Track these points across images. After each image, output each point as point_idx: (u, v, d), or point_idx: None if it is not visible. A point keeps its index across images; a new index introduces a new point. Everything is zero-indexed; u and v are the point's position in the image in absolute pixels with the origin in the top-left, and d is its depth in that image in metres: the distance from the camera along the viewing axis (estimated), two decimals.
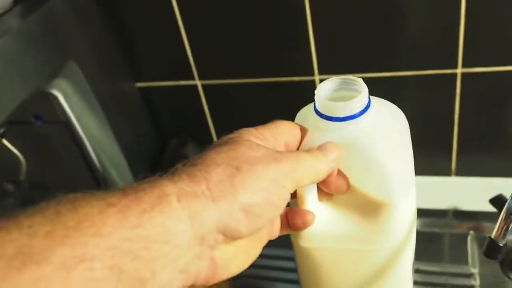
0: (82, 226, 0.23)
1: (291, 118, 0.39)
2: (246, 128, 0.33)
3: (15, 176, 0.65)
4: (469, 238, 0.66)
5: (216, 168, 0.29)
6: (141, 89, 0.80)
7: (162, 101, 0.81)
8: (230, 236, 0.29)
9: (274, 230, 0.37)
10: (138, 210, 0.25)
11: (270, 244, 0.37)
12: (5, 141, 0.62)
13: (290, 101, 0.41)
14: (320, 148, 0.34)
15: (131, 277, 0.24)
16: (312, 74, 0.71)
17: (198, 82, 0.77)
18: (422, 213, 0.68)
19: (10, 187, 0.64)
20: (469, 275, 0.62)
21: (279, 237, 0.39)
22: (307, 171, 0.33)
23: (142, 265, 0.24)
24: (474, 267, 0.63)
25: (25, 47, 0.54)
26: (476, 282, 0.61)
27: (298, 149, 0.36)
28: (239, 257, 0.32)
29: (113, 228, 0.24)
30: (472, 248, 0.65)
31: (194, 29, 0.72)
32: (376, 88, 0.39)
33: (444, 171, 0.77)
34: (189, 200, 0.27)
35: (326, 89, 0.36)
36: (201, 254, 0.28)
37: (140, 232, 0.25)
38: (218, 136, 0.33)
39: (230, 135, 0.33)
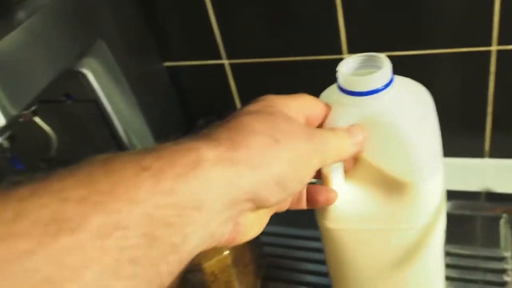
0: (117, 191, 0.23)
1: (319, 97, 0.38)
2: (274, 96, 0.33)
3: (46, 153, 0.66)
4: (502, 221, 0.65)
5: (257, 136, 0.29)
6: (169, 68, 0.80)
7: (189, 80, 0.81)
8: (259, 204, 0.29)
9: (284, 204, 0.37)
10: (172, 175, 0.24)
11: (298, 224, 0.37)
12: (37, 119, 0.63)
13: (318, 80, 0.40)
14: (347, 129, 0.35)
15: (164, 243, 0.24)
16: (340, 52, 0.70)
17: (225, 62, 0.77)
18: (454, 195, 0.67)
19: (41, 164, 0.65)
20: (501, 259, 0.60)
21: (308, 218, 0.39)
22: (333, 150, 0.33)
23: (174, 231, 0.24)
24: (507, 250, 0.61)
25: (55, 26, 0.55)
26: (509, 265, 0.60)
27: (322, 125, 0.36)
28: (256, 225, 0.33)
29: (148, 194, 0.23)
30: (505, 231, 0.64)
31: (221, 8, 0.71)
32: (408, 67, 0.38)
33: (478, 153, 0.75)
34: (227, 166, 0.27)
35: (348, 66, 0.36)
36: (228, 219, 0.28)
37: (174, 199, 0.24)
38: None
39: (262, 103, 0.32)
